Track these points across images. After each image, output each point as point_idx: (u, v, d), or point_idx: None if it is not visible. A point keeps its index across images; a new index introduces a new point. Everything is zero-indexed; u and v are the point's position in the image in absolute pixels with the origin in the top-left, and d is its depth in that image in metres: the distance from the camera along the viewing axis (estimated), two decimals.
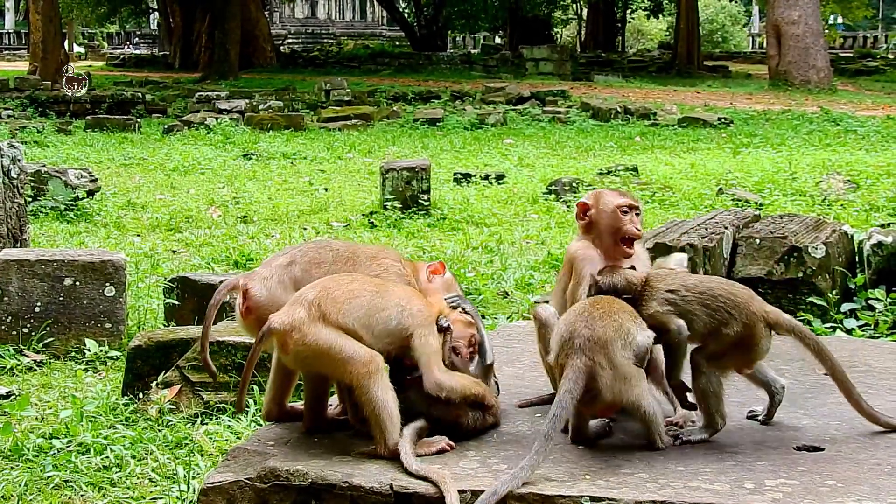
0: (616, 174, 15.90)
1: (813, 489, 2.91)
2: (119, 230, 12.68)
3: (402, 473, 3.07)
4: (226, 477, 3.17)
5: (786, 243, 7.56)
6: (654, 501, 2.86)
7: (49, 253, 7.67)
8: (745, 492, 2.90)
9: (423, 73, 42.30)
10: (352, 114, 26.81)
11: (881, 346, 4.42)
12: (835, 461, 3.13)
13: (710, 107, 29.86)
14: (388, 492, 3.02)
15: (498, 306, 9.00)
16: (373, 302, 3.42)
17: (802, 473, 3.03)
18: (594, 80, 39.57)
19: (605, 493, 2.92)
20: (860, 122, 25.29)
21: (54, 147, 21.09)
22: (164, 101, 30.90)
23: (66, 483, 5.11)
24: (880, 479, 2.99)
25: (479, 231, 12.54)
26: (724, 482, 2.98)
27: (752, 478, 3.00)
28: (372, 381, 3.28)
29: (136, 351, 6.20)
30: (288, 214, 13.74)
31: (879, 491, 2.89)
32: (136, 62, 51.43)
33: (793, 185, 14.96)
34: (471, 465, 3.14)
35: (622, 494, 2.90)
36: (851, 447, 3.25)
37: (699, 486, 2.95)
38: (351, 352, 3.31)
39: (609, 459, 3.17)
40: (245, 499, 3.12)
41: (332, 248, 3.82)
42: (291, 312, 3.35)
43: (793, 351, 4.25)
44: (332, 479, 3.07)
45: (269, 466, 3.15)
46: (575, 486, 2.96)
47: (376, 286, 3.48)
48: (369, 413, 3.28)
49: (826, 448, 3.24)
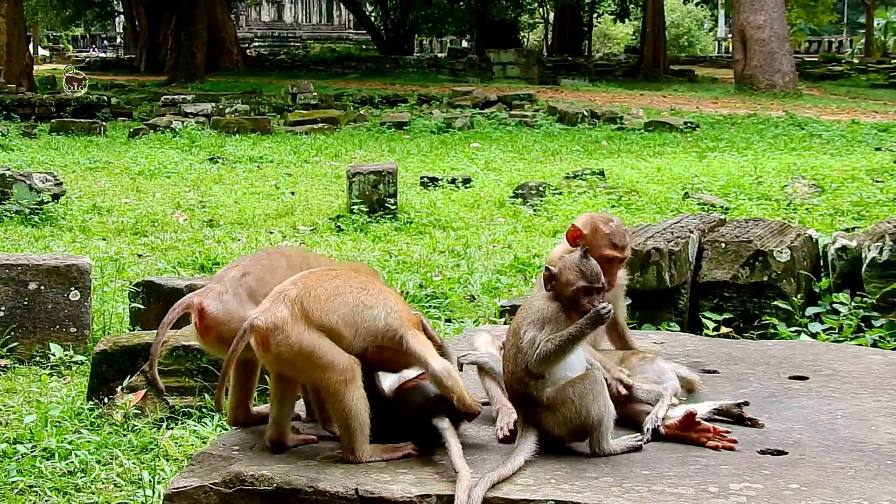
0: (583, 178, 15.94)
1: (776, 492, 2.92)
2: (84, 234, 12.60)
3: (368, 477, 3.06)
4: (190, 482, 3.15)
5: (751, 247, 7.60)
6: None
7: (13, 257, 7.61)
8: (709, 496, 2.91)
9: (390, 77, 42.29)
10: (318, 117, 26.77)
11: (845, 349, 4.45)
12: (798, 465, 3.14)
13: (677, 111, 30.00)
14: (353, 496, 3.01)
15: (464, 310, 9.01)
16: (359, 299, 3.33)
17: (766, 477, 3.04)
18: (561, 84, 39.68)
19: (569, 498, 2.92)
20: (825, 126, 25.47)
21: (19, 151, 20.94)
22: (130, 104, 30.76)
23: (31, 488, 5.08)
24: (843, 482, 3.00)
25: (445, 235, 12.54)
26: (688, 486, 2.98)
27: (715, 481, 3.01)
28: (347, 390, 3.23)
29: (102, 356, 6.17)
30: (254, 218, 13.70)
31: (842, 494, 2.91)
32: (101, 65, 51.14)
33: (758, 189, 15.06)
34: (437, 469, 3.14)
35: (587, 499, 2.91)
36: (815, 451, 3.26)
37: (663, 490, 2.96)
38: (332, 358, 3.24)
39: (574, 463, 3.18)
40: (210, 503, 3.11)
41: (283, 254, 3.77)
42: (274, 311, 3.25)
43: (756, 355, 4.28)
44: (297, 484, 3.06)
45: (233, 471, 3.14)
46: (540, 491, 2.97)
47: (361, 283, 3.39)
48: (341, 420, 3.24)
49: (790, 452, 3.26)
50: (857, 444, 3.32)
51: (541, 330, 3.31)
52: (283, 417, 3.36)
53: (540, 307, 3.35)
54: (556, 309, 3.33)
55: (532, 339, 3.30)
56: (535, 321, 3.33)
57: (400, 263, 10.74)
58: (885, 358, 4.26)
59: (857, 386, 3.88)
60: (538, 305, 3.36)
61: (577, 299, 3.32)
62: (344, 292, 3.33)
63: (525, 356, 3.30)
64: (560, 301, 3.35)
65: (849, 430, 3.45)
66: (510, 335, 3.40)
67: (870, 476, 3.06)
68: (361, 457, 3.22)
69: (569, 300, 3.33)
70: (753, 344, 4.57)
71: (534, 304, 3.38)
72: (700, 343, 4.52)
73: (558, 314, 3.33)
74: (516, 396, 3.37)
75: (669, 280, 7.36)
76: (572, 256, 3.40)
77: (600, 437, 3.28)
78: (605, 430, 3.28)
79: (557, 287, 3.35)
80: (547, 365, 3.28)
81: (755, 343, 4.63)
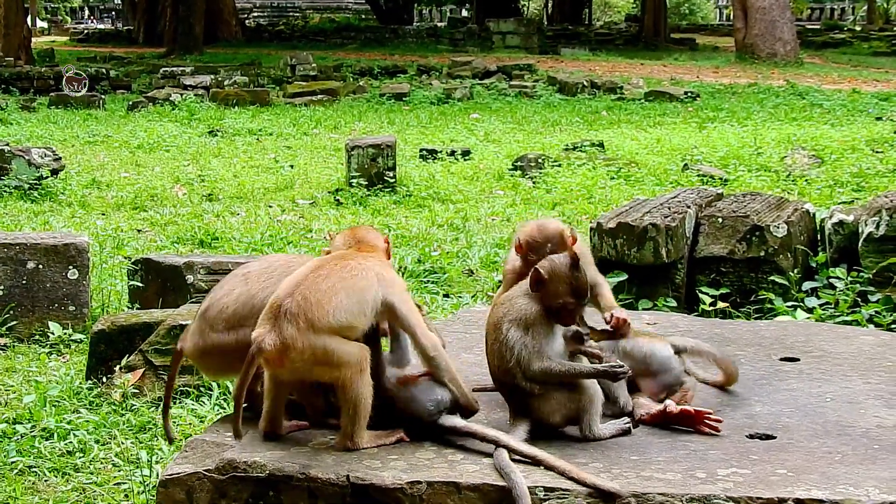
0: (582, 150, 15.92)
1: (763, 478, 2.95)
2: (84, 209, 12.61)
3: (360, 464, 3.09)
4: (184, 469, 3.18)
5: (748, 222, 7.62)
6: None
7: (11, 236, 7.64)
8: (697, 481, 2.94)
9: (389, 47, 42.15)
10: (318, 89, 26.71)
11: (836, 330, 4.46)
12: (786, 449, 3.17)
13: (677, 80, 29.92)
14: (344, 483, 3.03)
15: (463, 285, 9.03)
16: (356, 286, 3.32)
17: (754, 462, 3.07)
18: (561, 54, 39.56)
19: (558, 484, 2.95)
20: (826, 95, 25.42)
21: (18, 125, 20.91)
22: (129, 76, 30.68)
23: (30, 469, 5.12)
24: (830, 467, 3.02)
25: (444, 208, 12.55)
26: (676, 471, 3.01)
27: (703, 467, 3.04)
28: (359, 379, 3.23)
29: (100, 335, 6.20)
30: (253, 192, 13.71)
31: (829, 480, 2.93)
32: (99, 37, 50.97)
33: (758, 161, 15.05)
34: (427, 455, 3.17)
35: (575, 484, 2.94)
36: (804, 435, 3.29)
37: (651, 476, 2.98)
38: (344, 355, 3.24)
39: (564, 449, 3.20)
40: (203, 490, 3.14)
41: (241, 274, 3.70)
42: (280, 330, 3.22)
43: (748, 336, 4.31)
44: (289, 471, 3.08)
45: (226, 458, 3.17)
46: (530, 477, 3.00)
47: (350, 269, 3.36)
48: (349, 407, 3.23)
49: (778, 436, 3.28)
50: (846, 427, 3.35)
51: (525, 332, 3.31)
52: (276, 410, 3.37)
53: (521, 306, 3.35)
54: (539, 312, 3.33)
55: (520, 341, 3.31)
56: (516, 320, 3.33)
57: (398, 237, 10.76)
58: (877, 338, 4.28)
59: (848, 368, 3.90)
60: (519, 304, 3.36)
61: (561, 312, 3.33)
62: (339, 288, 3.29)
63: (514, 355, 3.31)
64: (542, 303, 3.35)
65: (838, 413, 3.47)
66: (490, 329, 3.41)
67: (857, 461, 3.08)
68: (360, 444, 3.24)
69: (552, 308, 3.33)
70: (745, 324, 4.58)
71: (515, 301, 3.38)
72: (692, 323, 4.54)
73: (541, 318, 3.33)
74: (504, 386, 3.39)
75: (666, 255, 7.38)
76: (563, 264, 3.36)
77: (590, 421, 3.30)
78: (594, 414, 3.31)
79: (543, 292, 3.34)
80: (546, 378, 3.30)
81: (747, 323, 4.65)
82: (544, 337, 3.33)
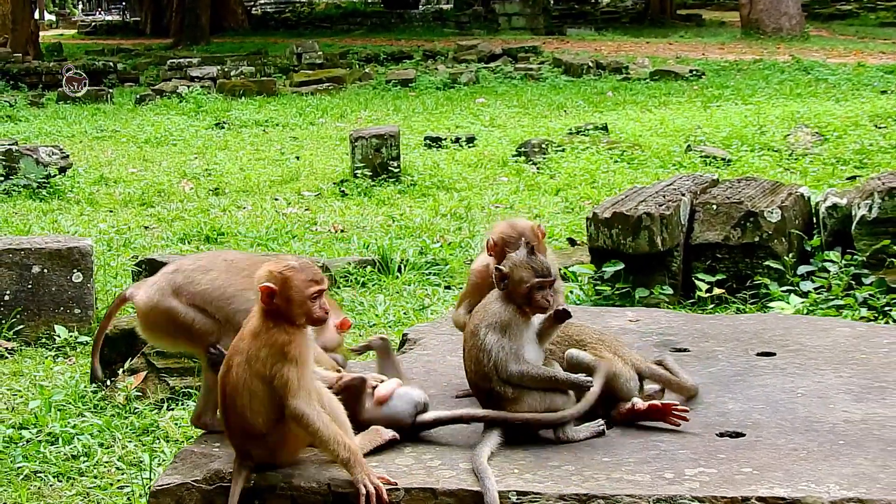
0: (586, 133, 15.97)
1: (729, 477, 3.04)
2: (92, 206, 12.75)
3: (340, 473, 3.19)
4: (174, 479, 3.30)
5: (742, 208, 7.69)
6: (577, 494, 2.99)
7: (16, 241, 7.77)
8: (665, 482, 3.03)
9: (395, 32, 42.15)
10: (324, 77, 26.76)
11: (815, 322, 4.55)
12: (754, 447, 3.26)
13: (683, 58, 29.87)
14: (325, 491, 3.15)
15: (464, 276, 9.10)
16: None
17: (721, 461, 3.16)
18: (567, 34, 39.50)
19: (531, 487, 3.05)
20: (831, 69, 25.36)
21: (27, 121, 21.05)
22: (136, 69, 30.79)
23: (36, 474, 5.25)
24: (795, 464, 3.12)
25: (448, 196, 12.64)
26: (644, 472, 3.11)
27: (672, 467, 3.14)
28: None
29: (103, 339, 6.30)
30: (259, 185, 13.82)
31: (792, 477, 3.02)
32: (107, 29, 51.04)
33: (761, 140, 15.08)
34: (406, 461, 3.27)
35: (547, 488, 3.04)
36: (772, 432, 3.38)
37: (621, 478, 3.08)
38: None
39: (538, 452, 3.30)
40: (192, 500, 3.25)
41: (225, 257, 3.82)
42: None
43: (728, 331, 4.40)
44: (272, 481, 3.20)
45: (213, 469, 3.29)
46: (503, 481, 3.10)
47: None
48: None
49: (747, 433, 3.37)
50: (813, 423, 3.44)
51: (503, 335, 3.43)
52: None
53: (496, 311, 3.46)
54: (513, 312, 3.45)
55: (497, 344, 3.42)
56: (493, 325, 3.44)
57: (402, 229, 10.86)
58: (853, 330, 4.36)
59: (822, 361, 3.99)
60: (494, 308, 3.47)
61: (530, 295, 3.44)
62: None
63: (492, 358, 3.42)
64: (513, 301, 3.46)
65: (807, 408, 3.56)
66: (468, 336, 3.52)
67: (821, 457, 3.17)
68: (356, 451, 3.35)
69: (523, 297, 3.45)
70: (727, 319, 4.67)
71: (490, 307, 3.49)
72: (674, 319, 4.62)
73: (515, 317, 3.45)
74: (480, 392, 3.50)
75: (661, 244, 7.47)
76: (520, 254, 3.50)
77: (563, 424, 3.41)
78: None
79: (511, 286, 3.46)
80: (521, 381, 3.41)
81: (728, 318, 4.73)
82: (520, 339, 3.44)
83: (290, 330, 3.24)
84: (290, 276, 3.28)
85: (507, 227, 3.83)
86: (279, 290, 3.24)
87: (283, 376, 3.17)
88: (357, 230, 10.95)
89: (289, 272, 3.28)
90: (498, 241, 3.79)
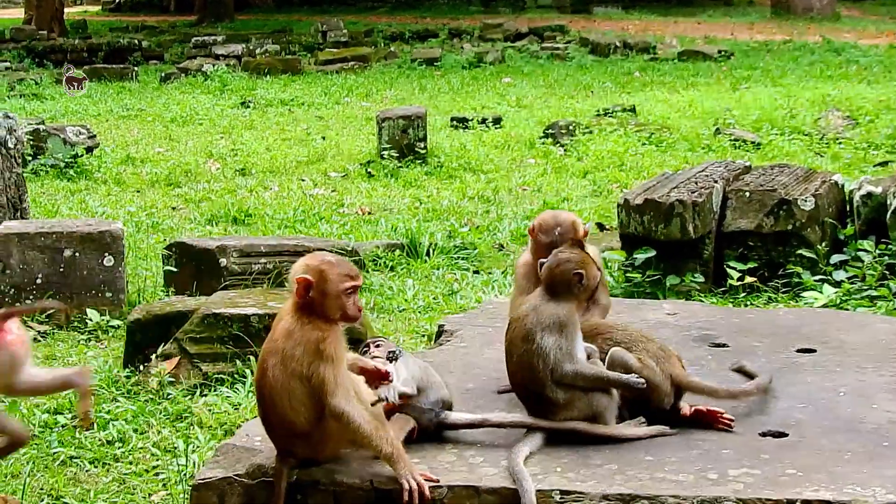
0: (613, 115, 15.90)
1: (773, 478, 3.03)
2: (119, 186, 12.77)
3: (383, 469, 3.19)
4: (216, 473, 3.31)
5: (775, 196, 7.64)
6: (621, 494, 2.99)
7: (48, 225, 7.79)
8: (709, 483, 3.03)
9: (420, 10, 41.98)
10: (349, 56, 26.68)
11: (853, 318, 4.52)
12: (797, 448, 3.24)
13: (711, 38, 29.67)
14: (368, 487, 3.16)
15: (493, 260, 9.11)
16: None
17: (765, 462, 3.15)
18: (593, 13, 39.28)
19: (574, 487, 3.05)
20: (863, 51, 25.14)
21: (52, 100, 21.05)
22: (161, 46, 30.75)
23: (72, 459, 5.26)
24: (838, 466, 3.10)
25: (475, 178, 12.61)
26: (688, 472, 3.10)
27: (715, 467, 3.12)
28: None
29: (135, 324, 6.34)
30: (286, 165, 13.81)
31: (836, 480, 3.01)
32: (131, 6, 50.97)
33: (791, 123, 14.98)
34: (448, 458, 3.28)
35: (590, 488, 3.03)
36: (815, 432, 3.36)
37: (664, 478, 3.07)
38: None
39: (581, 450, 3.30)
40: (234, 494, 3.26)
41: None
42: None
43: (765, 326, 4.37)
44: (316, 476, 3.21)
45: (256, 463, 3.30)
46: (546, 480, 3.10)
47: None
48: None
49: (790, 434, 3.35)
50: (856, 424, 3.42)
51: (560, 334, 3.43)
52: None
53: (551, 311, 3.45)
54: (569, 310, 3.46)
55: (554, 345, 3.41)
56: (550, 326, 3.43)
57: (429, 211, 10.85)
58: (892, 326, 4.34)
59: (863, 359, 3.96)
60: (549, 310, 3.45)
61: (583, 281, 3.47)
62: None
63: (549, 362, 3.40)
64: (574, 298, 3.48)
65: (850, 408, 3.54)
66: (519, 341, 3.48)
67: (865, 459, 3.16)
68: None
69: (577, 284, 3.47)
70: (763, 313, 4.65)
71: (542, 309, 3.46)
72: (711, 313, 4.60)
73: (571, 315, 3.47)
74: (529, 396, 3.47)
75: (693, 231, 7.43)
76: (564, 246, 3.54)
77: (606, 423, 3.40)
78: (610, 417, 3.40)
79: (584, 283, 3.48)
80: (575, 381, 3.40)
81: (765, 312, 4.72)
82: (574, 337, 3.44)
83: (324, 326, 3.24)
84: (327, 269, 3.28)
85: (550, 215, 3.95)
86: (315, 283, 3.25)
87: (320, 375, 3.18)
88: (384, 212, 10.94)
89: (325, 266, 3.29)
90: (536, 226, 3.90)
